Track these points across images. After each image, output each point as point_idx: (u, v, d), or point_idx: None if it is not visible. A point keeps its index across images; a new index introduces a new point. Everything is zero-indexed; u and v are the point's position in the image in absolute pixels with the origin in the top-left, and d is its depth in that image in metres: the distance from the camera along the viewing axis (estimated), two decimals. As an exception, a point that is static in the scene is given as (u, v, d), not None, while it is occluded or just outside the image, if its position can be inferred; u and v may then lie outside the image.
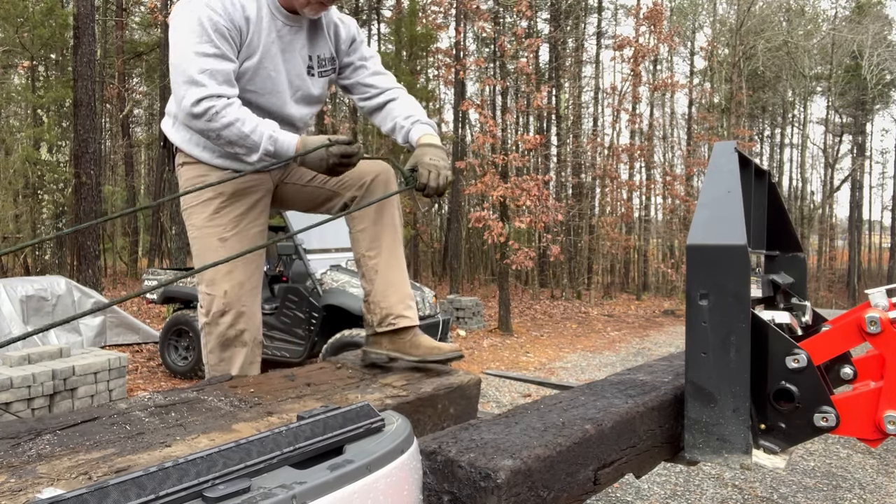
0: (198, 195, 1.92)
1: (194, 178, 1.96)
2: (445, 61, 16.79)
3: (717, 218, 1.60)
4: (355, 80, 2.09)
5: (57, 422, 1.31)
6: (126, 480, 0.62)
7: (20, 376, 4.51)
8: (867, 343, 1.57)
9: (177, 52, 1.73)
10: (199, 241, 1.95)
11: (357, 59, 2.08)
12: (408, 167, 1.89)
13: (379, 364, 2.04)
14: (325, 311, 6.05)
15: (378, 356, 2.06)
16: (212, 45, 1.71)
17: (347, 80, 2.10)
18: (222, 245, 1.93)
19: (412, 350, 1.98)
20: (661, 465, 1.88)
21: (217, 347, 1.99)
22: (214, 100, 1.69)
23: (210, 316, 1.95)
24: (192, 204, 1.96)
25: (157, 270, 7.54)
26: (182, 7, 1.75)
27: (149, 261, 18.40)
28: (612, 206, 18.93)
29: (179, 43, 1.72)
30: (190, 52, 1.69)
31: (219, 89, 1.70)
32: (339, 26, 2.03)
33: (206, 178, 1.94)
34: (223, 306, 1.93)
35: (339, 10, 2.08)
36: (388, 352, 2.04)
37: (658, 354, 9.14)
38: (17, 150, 10.39)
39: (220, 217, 1.94)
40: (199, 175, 1.96)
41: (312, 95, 2.04)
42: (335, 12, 2.04)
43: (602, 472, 1.39)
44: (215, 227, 1.93)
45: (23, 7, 9.53)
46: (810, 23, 23.86)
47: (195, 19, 1.70)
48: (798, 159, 28.35)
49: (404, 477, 0.82)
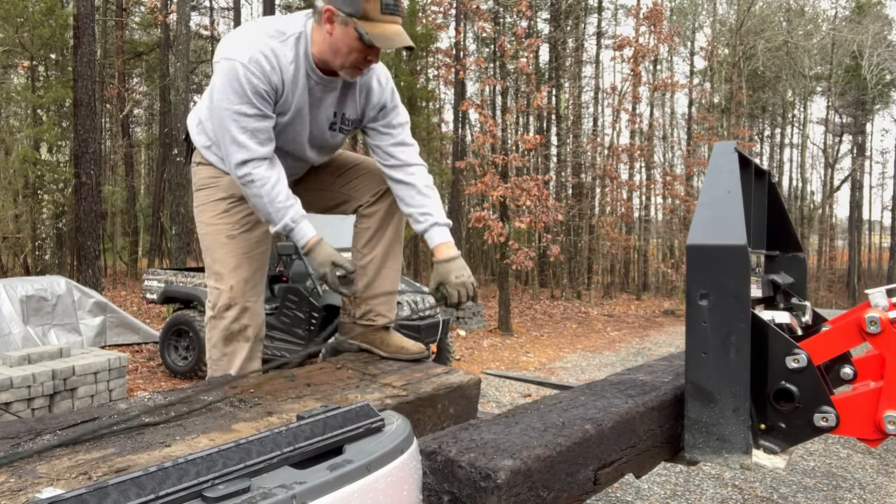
0: (210, 195, 2.04)
1: (208, 178, 2.05)
2: (445, 61, 16.80)
3: (717, 218, 1.60)
4: (377, 143, 2.09)
5: (57, 422, 1.31)
6: (126, 480, 0.62)
7: (20, 376, 4.50)
8: (867, 343, 1.57)
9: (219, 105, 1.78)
10: (209, 237, 2.03)
11: (382, 125, 2.07)
12: (433, 284, 1.97)
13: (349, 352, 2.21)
14: (325, 311, 6.05)
15: (350, 346, 2.22)
16: (251, 106, 1.77)
17: (370, 139, 2.11)
18: (230, 241, 2.01)
19: (382, 346, 2.15)
20: (661, 465, 1.88)
21: (221, 341, 2.02)
22: (255, 165, 1.79)
23: (216, 309, 2.01)
24: (204, 202, 2.05)
25: (157, 270, 7.54)
26: (227, 55, 1.76)
27: (149, 261, 18.38)
28: (612, 206, 18.93)
29: (222, 98, 1.77)
30: (232, 111, 1.76)
31: (260, 150, 1.80)
32: (373, 91, 2.02)
33: (219, 179, 2.04)
34: (229, 300, 1.99)
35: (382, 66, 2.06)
36: (360, 343, 2.20)
37: (658, 354, 9.14)
38: (17, 150, 10.39)
39: (228, 216, 2.02)
40: (213, 176, 2.04)
41: (329, 145, 2.11)
42: (375, 70, 2.02)
43: (602, 472, 1.39)
44: (224, 224, 2.01)
45: (23, 7, 9.53)
46: (810, 23, 23.86)
47: (236, 79, 1.75)
48: (798, 159, 28.36)
49: (404, 477, 0.82)
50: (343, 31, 1.75)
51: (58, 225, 10.31)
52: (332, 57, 1.81)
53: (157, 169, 19.35)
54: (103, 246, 14.76)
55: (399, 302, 5.86)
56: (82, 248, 9.25)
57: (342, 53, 1.79)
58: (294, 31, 1.82)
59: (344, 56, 1.79)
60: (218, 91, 1.77)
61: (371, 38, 1.72)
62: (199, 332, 6.40)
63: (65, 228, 11.10)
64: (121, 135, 20.20)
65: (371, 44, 1.74)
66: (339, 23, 1.75)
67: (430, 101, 17.74)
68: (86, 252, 9.20)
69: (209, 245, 2.03)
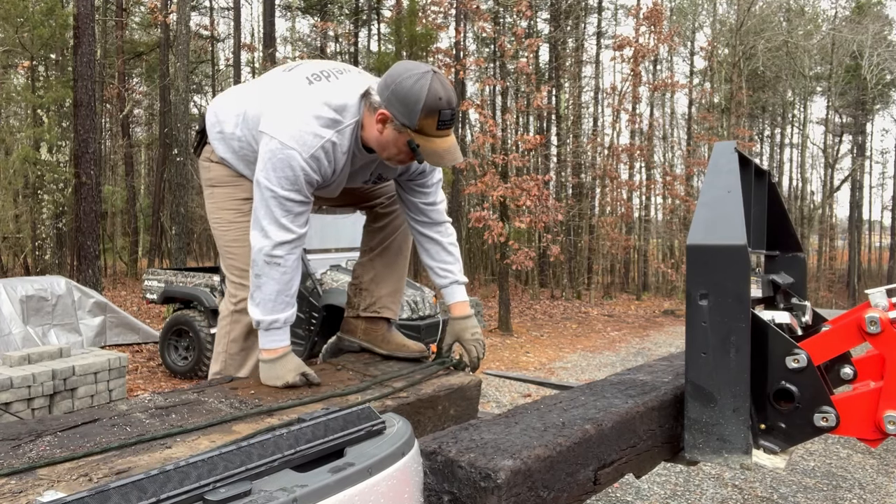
0: (231, 193, 2.05)
1: (227, 176, 2.05)
2: (445, 61, 16.77)
3: (717, 218, 1.60)
4: (410, 198, 2.11)
5: (57, 423, 1.31)
6: (127, 483, 0.62)
7: (20, 376, 4.50)
8: (867, 343, 1.57)
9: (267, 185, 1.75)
10: (231, 234, 2.04)
11: (417, 185, 2.09)
12: (449, 340, 2.10)
13: (350, 351, 2.21)
14: (325, 311, 6.05)
15: (350, 344, 2.21)
16: (300, 193, 1.77)
17: (402, 192, 2.13)
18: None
19: (383, 344, 2.15)
20: (661, 465, 1.88)
21: (242, 336, 2.03)
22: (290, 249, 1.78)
23: (241, 304, 1.99)
24: (226, 200, 2.05)
25: (157, 270, 7.54)
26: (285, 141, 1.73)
27: (149, 261, 18.38)
28: (612, 206, 18.91)
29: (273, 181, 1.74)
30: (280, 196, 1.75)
31: (300, 232, 1.80)
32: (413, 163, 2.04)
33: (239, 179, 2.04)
34: None
35: None
36: (361, 341, 2.20)
37: (658, 354, 9.14)
38: (17, 150, 10.38)
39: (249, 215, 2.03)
40: (233, 175, 2.04)
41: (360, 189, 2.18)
42: None
43: (602, 472, 1.39)
44: (246, 222, 1.98)
45: (23, 7, 9.52)
46: (810, 23, 23.84)
47: (290, 168, 1.73)
48: (798, 159, 28.35)
49: (405, 480, 0.82)
50: (395, 136, 1.75)
51: (58, 225, 10.31)
52: (379, 149, 1.83)
53: (157, 169, 19.35)
54: (103, 246, 14.76)
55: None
56: (82, 248, 9.24)
57: (390, 151, 1.81)
58: (352, 121, 1.80)
59: (391, 154, 1.81)
60: (269, 171, 1.74)
61: (424, 156, 1.75)
62: (199, 332, 6.39)
63: (65, 228, 11.09)
64: (121, 135, 20.19)
65: (421, 160, 1.76)
66: (392, 128, 1.75)
67: (429, 100, 17.67)
68: (86, 252, 9.20)
69: (229, 244, 2.03)
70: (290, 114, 1.76)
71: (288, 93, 1.82)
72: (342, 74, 1.88)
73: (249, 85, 2.08)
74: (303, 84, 1.83)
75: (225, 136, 1.99)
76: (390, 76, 1.74)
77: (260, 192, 1.76)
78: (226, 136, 1.99)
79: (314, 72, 1.87)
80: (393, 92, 1.70)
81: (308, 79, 1.84)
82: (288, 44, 24.04)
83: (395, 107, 1.71)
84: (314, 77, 1.84)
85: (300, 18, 25.27)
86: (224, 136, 1.99)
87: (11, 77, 11.90)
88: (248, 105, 1.93)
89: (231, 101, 2.01)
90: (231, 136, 1.97)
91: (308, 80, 1.84)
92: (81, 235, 9.25)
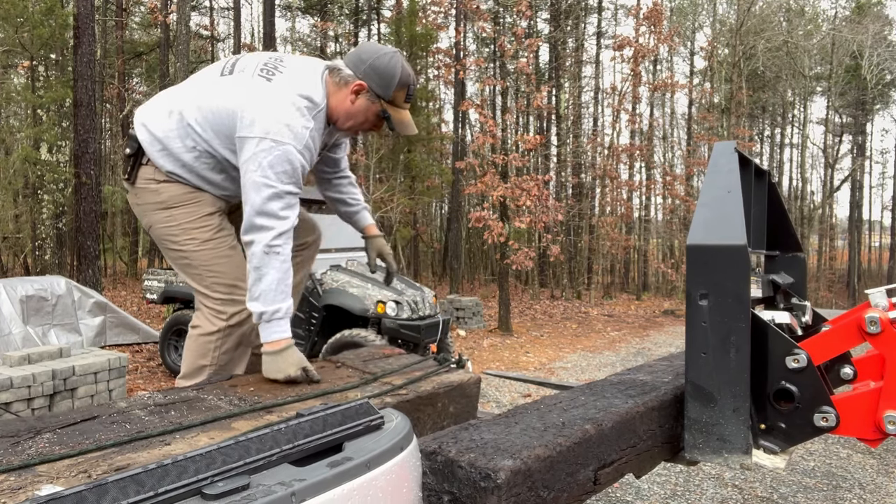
0: (193, 211, 2.01)
1: (183, 194, 2.00)
2: (445, 61, 16.78)
3: (717, 218, 1.60)
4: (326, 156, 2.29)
5: (57, 420, 1.31)
6: (125, 478, 0.62)
7: (20, 376, 4.50)
8: (867, 343, 1.56)
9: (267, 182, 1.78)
10: (206, 254, 2.01)
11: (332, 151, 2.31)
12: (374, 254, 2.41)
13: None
14: (325, 310, 6.05)
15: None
16: (297, 185, 1.85)
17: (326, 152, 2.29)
18: (234, 251, 2.04)
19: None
20: (661, 465, 1.87)
21: (233, 347, 2.05)
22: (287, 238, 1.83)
23: (233, 318, 2.01)
24: (188, 220, 2.01)
25: (157, 270, 7.53)
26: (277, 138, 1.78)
27: (149, 261, 18.38)
28: (612, 206, 18.92)
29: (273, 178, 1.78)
30: (282, 191, 1.80)
31: (295, 219, 1.85)
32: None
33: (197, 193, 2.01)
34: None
35: None
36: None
37: (658, 354, 9.14)
38: (17, 150, 10.38)
39: (223, 230, 2.06)
40: (189, 192, 2.01)
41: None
42: None
43: (602, 472, 1.39)
44: (223, 237, 2.04)
45: (23, 7, 9.51)
46: (810, 23, 23.85)
47: (289, 162, 1.80)
48: (798, 159, 28.36)
49: (403, 474, 0.82)
50: (367, 105, 1.93)
51: (58, 225, 10.31)
52: (344, 119, 1.96)
53: (157, 169, 19.30)
54: (103, 246, 14.76)
55: (399, 302, 5.86)
56: (82, 248, 9.24)
57: (357, 120, 1.96)
58: (322, 101, 1.91)
59: (357, 122, 1.97)
60: (266, 170, 1.78)
61: (394, 123, 1.96)
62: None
63: (65, 228, 11.09)
64: (121, 135, 20.19)
65: (392, 127, 1.97)
66: (365, 98, 1.92)
67: (430, 101, 17.73)
68: (86, 252, 9.20)
69: (209, 262, 2.00)
70: (271, 111, 1.80)
71: (255, 93, 1.85)
72: (284, 62, 1.95)
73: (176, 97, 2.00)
74: (261, 82, 1.87)
75: (171, 152, 1.94)
76: (365, 53, 1.93)
77: (258, 192, 1.77)
78: (172, 151, 1.93)
79: (260, 67, 1.91)
80: (370, 66, 1.89)
81: (262, 76, 1.88)
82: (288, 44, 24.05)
83: (373, 79, 1.89)
84: (265, 73, 1.89)
85: (300, 18, 25.30)
86: (169, 151, 1.94)
87: (11, 77, 11.91)
88: (192, 115, 1.91)
89: (164, 116, 1.95)
90: (180, 150, 1.93)
91: (263, 77, 1.88)
92: (81, 235, 9.25)
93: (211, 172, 1.98)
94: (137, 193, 2.03)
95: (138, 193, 2.03)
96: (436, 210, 25.22)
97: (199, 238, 2.00)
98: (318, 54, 20.42)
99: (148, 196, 2.01)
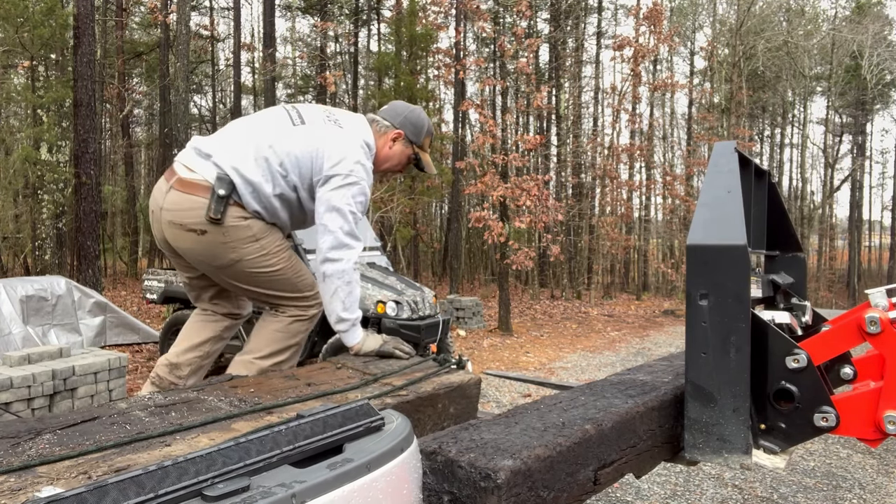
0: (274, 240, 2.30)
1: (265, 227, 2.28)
2: (445, 61, 16.78)
3: (717, 218, 1.60)
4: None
5: (57, 421, 1.31)
6: (125, 479, 0.62)
7: (20, 376, 4.50)
8: (867, 343, 1.56)
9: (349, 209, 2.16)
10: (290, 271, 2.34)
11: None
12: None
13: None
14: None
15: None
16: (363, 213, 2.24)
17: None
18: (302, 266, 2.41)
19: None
20: (661, 465, 1.87)
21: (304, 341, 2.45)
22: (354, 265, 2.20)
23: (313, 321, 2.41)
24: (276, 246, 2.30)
25: (157, 270, 7.53)
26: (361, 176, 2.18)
27: (149, 261, 18.38)
28: (612, 206, 18.91)
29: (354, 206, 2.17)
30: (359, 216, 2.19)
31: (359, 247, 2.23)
32: None
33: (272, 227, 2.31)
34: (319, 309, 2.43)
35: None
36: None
37: (658, 354, 9.14)
38: (17, 150, 10.37)
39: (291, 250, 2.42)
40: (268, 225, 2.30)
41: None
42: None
43: (602, 472, 1.39)
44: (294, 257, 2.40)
45: (23, 7, 9.51)
46: (810, 23, 23.84)
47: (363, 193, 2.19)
48: (798, 159, 28.36)
49: (404, 476, 0.82)
50: (402, 150, 2.39)
51: (58, 225, 10.30)
52: (382, 161, 2.38)
53: (157, 169, 19.35)
54: (103, 246, 14.75)
55: (399, 302, 5.86)
56: (82, 248, 9.24)
57: (392, 162, 2.40)
58: (374, 147, 2.31)
59: (392, 164, 2.41)
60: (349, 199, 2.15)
61: (424, 165, 2.44)
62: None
63: (65, 228, 11.08)
64: (121, 135, 20.20)
65: (422, 168, 2.44)
66: (402, 143, 2.38)
67: (430, 101, 17.71)
68: (86, 252, 9.19)
69: (297, 271, 2.35)
70: (352, 153, 2.18)
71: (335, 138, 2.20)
72: (343, 116, 2.34)
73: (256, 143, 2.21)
74: (335, 128, 2.25)
75: (260, 195, 2.20)
76: (399, 108, 2.42)
77: (342, 217, 2.14)
78: (261, 193, 2.20)
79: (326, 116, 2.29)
80: (406, 118, 2.39)
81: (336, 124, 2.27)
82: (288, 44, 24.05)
83: (408, 128, 2.38)
84: (334, 122, 2.27)
85: (300, 18, 25.31)
86: (259, 193, 2.20)
87: (11, 77, 11.91)
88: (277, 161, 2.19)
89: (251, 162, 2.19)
90: (268, 195, 2.20)
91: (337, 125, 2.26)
92: (81, 235, 9.25)
93: (281, 210, 2.29)
94: (226, 232, 2.19)
95: (227, 231, 2.19)
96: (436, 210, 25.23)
97: (285, 256, 2.33)
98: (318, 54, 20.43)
99: (239, 232, 2.21)
